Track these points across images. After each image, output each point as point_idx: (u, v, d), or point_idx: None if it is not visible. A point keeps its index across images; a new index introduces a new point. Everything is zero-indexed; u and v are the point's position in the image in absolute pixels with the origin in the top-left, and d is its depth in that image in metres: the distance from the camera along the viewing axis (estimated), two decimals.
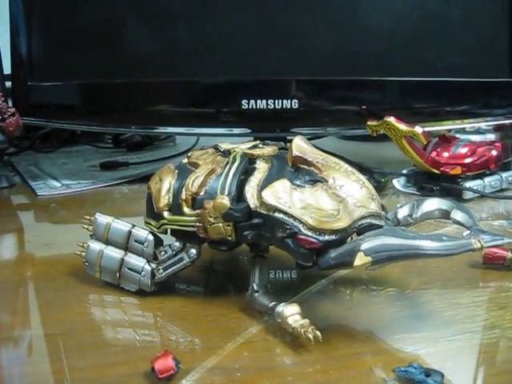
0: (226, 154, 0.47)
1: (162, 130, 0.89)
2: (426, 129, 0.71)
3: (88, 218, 0.50)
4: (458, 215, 0.44)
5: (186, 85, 0.82)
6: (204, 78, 0.81)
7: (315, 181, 0.42)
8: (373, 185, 0.44)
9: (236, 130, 0.83)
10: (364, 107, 0.80)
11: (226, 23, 0.80)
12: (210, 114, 0.83)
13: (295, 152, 0.43)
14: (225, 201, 0.43)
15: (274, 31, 0.80)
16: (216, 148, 0.49)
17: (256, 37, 0.80)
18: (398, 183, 0.79)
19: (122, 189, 0.84)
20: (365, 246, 0.38)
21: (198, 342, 0.42)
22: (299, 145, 0.43)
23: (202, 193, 0.45)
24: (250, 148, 0.47)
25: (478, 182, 0.75)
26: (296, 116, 0.80)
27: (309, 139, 0.45)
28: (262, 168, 0.45)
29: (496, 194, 0.76)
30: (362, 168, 0.70)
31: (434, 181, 0.75)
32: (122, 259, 0.48)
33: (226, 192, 0.44)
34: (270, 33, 0.80)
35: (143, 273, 0.47)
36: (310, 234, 0.40)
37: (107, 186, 0.85)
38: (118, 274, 0.48)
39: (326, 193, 0.41)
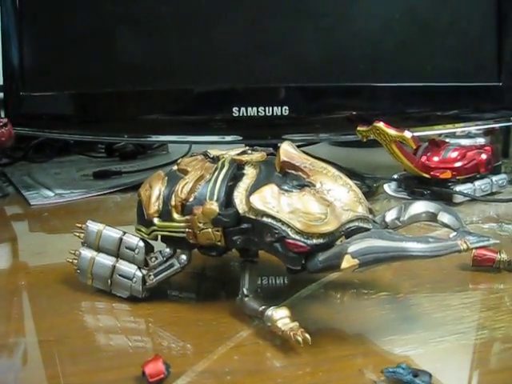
0: (215, 160, 0.48)
1: (154, 138, 0.89)
2: (417, 133, 0.71)
3: (79, 225, 0.50)
4: (444, 217, 0.45)
5: (177, 93, 0.83)
6: (195, 86, 0.82)
7: (303, 185, 0.42)
8: (364, 190, 0.44)
9: (228, 138, 0.83)
10: (354, 113, 0.80)
11: (216, 31, 0.81)
12: (202, 121, 0.83)
13: (283, 157, 0.43)
14: (213, 206, 0.43)
15: (264, 39, 0.81)
16: (205, 155, 0.49)
17: (246, 45, 0.81)
18: (389, 188, 0.79)
19: (114, 197, 0.84)
20: (352, 248, 0.38)
21: (189, 346, 0.42)
22: (287, 150, 0.44)
23: (191, 199, 0.45)
24: (238, 154, 0.48)
25: (469, 185, 0.76)
26: (287, 123, 0.80)
27: (300, 146, 0.46)
28: (250, 174, 0.45)
29: (486, 198, 0.77)
30: (353, 174, 0.70)
31: (424, 185, 0.76)
32: (114, 266, 0.48)
33: (215, 198, 0.44)
34: (259, 40, 0.81)
35: (134, 279, 0.47)
36: (298, 237, 0.40)
37: (100, 194, 0.85)
38: (109, 281, 0.48)
39: (313, 197, 0.41)
